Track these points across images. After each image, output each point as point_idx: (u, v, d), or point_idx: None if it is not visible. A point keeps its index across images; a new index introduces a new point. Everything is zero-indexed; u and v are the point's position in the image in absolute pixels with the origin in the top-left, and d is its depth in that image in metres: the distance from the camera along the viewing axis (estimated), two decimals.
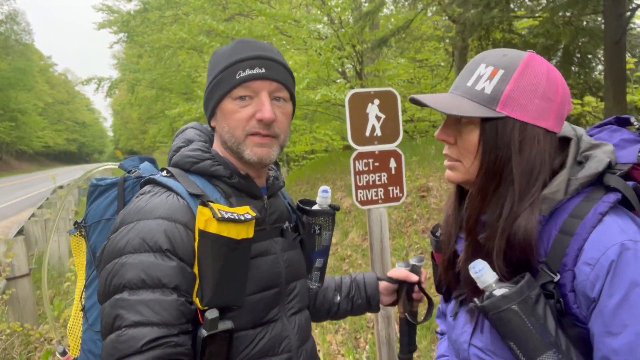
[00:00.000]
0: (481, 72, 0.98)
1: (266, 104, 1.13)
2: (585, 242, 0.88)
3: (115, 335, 0.96)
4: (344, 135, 15.21)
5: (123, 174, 1.27)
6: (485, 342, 1.01)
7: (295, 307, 1.25)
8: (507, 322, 0.87)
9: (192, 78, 19.02)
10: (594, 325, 0.87)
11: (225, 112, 1.16)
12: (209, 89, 1.19)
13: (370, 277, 1.54)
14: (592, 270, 0.86)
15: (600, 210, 0.89)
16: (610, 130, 1.10)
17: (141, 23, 17.79)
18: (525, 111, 0.95)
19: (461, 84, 1.02)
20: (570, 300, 0.90)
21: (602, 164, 0.95)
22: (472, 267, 0.94)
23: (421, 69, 14.77)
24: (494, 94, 0.95)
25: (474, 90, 0.98)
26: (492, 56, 1.00)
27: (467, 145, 1.00)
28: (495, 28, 9.66)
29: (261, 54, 1.15)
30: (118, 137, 73.61)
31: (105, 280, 1.02)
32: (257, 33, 10.32)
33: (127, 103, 26.07)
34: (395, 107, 2.77)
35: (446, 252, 1.14)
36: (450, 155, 1.06)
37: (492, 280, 0.92)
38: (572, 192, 0.94)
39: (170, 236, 1.02)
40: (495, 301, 0.88)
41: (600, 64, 11.98)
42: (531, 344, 0.85)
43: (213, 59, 1.20)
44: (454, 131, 1.04)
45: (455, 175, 1.06)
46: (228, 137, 1.16)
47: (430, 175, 7.58)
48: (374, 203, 2.79)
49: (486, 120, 0.96)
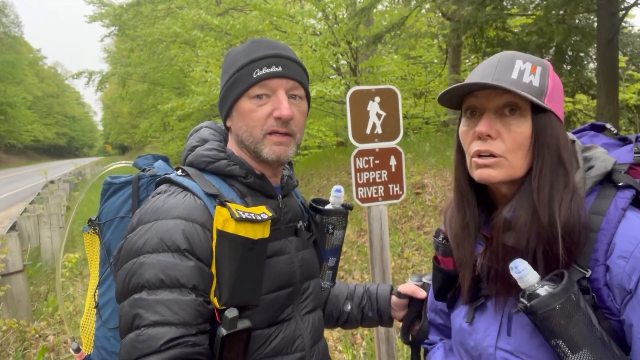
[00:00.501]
0: (522, 67, 0.98)
1: (284, 101, 1.13)
2: (614, 237, 0.91)
3: (135, 335, 0.97)
4: (337, 131, 15.21)
5: (137, 172, 1.27)
6: (515, 344, 1.00)
7: (309, 307, 1.26)
8: (555, 319, 0.87)
9: (185, 73, 18.89)
10: (632, 316, 0.89)
11: (242, 111, 1.15)
12: (225, 88, 1.18)
13: (383, 290, 1.50)
14: (627, 262, 0.89)
15: (621, 206, 0.93)
16: (590, 135, 1.16)
17: (134, 17, 17.61)
18: (559, 107, 1.00)
19: (504, 77, 0.97)
20: (604, 294, 0.92)
21: (610, 162, 0.99)
22: (514, 267, 0.93)
23: (415, 66, 14.79)
24: (542, 87, 0.98)
25: (522, 82, 0.97)
26: (522, 55, 1.01)
27: (518, 137, 0.97)
28: (489, 26, 9.70)
29: (277, 52, 1.16)
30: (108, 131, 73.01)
31: (124, 280, 1.02)
32: (251, 28, 10.27)
33: (118, 97, 25.85)
34: (395, 104, 2.78)
35: (464, 256, 1.10)
36: (493, 150, 0.98)
37: (534, 280, 0.92)
38: (587, 190, 0.98)
39: (188, 236, 1.03)
40: (544, 300, 0.88)
41: (592, 62, 12.09)
42: (578, 338, 0.86)
43: (228, 59, 1.20)
44: (497, 125, 0.99)
45: (498, 173, 0.99)
46: (246, 137, 1.16)
47: (425, 172, 7.62)
48: (374, 201, 2.81)
49: (538, 112, 0.97)
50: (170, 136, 20.46)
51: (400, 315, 1.47)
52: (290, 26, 10.64)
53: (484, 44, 10.83)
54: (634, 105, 11.47)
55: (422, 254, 5.53)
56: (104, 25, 20.50)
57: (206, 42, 11.39)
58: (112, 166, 1.47)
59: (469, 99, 1.04)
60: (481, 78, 1.00)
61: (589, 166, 1.01)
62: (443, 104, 1.09)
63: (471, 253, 1.09)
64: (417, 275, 1.44)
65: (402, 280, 5.06)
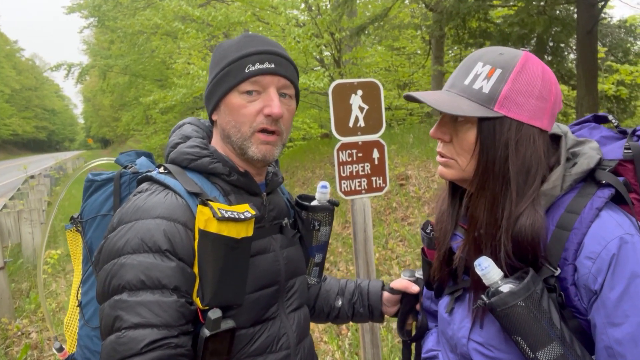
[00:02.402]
0: (478, 71, 0.99)
1: (275, 99, 1.12)
2: (584, 237, 0.91)
3: (115, 337, 0.96)
4: (322, 123, 15.21)
5: (119, 170, 1.25)
6: (485, 337, 1.02)
7: (295, 304, 1.25)
8: (515, 317, 0.88)
9: (167, 65, 18.62)
10: (596, 317, 0.90)
11: (231, 106, 1.13)
12: (214, 81, 1.16)
13: (375, 286, 1.51)
14: (594, 264, 0.89)
15: (596, 206, 0.93)
16: (590, 127, 1.15)
17: (113, 7, 17.29)
18: (522, 111, 0.96)
19: (458, 83, 1.01)
20: (572, 293, 0.93)
21: (594, 160, 0.98)
22: (478, 265, 0.95)
23: (398, 57, 14.82)
24: (492, 94, 0.96)
25: (472, 89, 0.98)
26: (489, 55, 1.00)
27: (464, 144, 1.00)
28: (472, 17, 9.76)
29: (271, 49, 1.14)
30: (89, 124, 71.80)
31: (104, 281, 1.01)
32: (233, 19, 10.17)
33: (99, 90, 25.48)
34: (378, 98, 2.79)
35: (441, 249, 1.14)
36: (445, 153, 1.05)
37: (497, 277, 0.93)
38: (567, 187, 0.97)
39: (170, 236, 1.01)
40: (504, 297, 0.89)
41: (572, 53, 12.25)
42: (538, 337, 0.88)
43: (218, 52, 1.18)
44: (450, 129, 1.03)
45: (449, 173, 1.06)
46: (233, 132, 1.14)
47: (408, 163, 7.67)
48: (357, 193, 2.83)
49: (483, 119, 0.97)
50: (152, 129, 20.19)
51: (392, 311, 1.47)
52: (273, 17, 10.57)
53: (467, 35, 10.89)
54: (613, 96, 11.68)
55: (406, 245, 5.59)
56: (83, 17, 20.07)
57: (188, 34, 11.25)
58: (95, 162, 1.45)
59: None
60: (448, 80, 1.05)
61: (573, 162, 1.00)
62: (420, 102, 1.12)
63: (445, 238, 1.13)
64: (409, 270, 1.44)
65: (386, 272, 5.11)
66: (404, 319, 1.44)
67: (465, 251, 1.07)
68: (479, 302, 0.94)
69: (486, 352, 1.02)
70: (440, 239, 1.15)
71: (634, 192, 1.00)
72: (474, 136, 0.99)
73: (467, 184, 1.07)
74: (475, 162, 1.00)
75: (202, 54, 14.81)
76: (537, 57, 1.02)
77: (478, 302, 0.95)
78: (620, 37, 13.05)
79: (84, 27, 21.87)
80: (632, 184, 1.00)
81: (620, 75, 11.86)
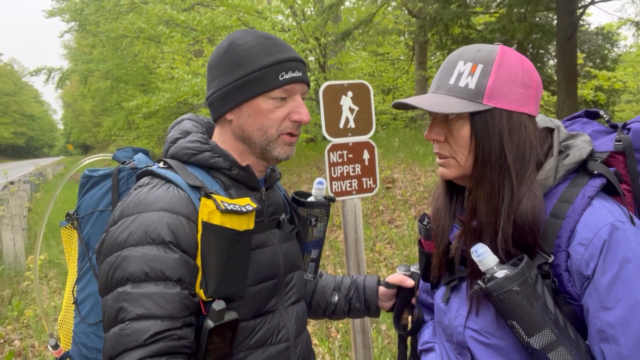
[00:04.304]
0: (461, 70, 1.02)
1: (304, 107, 1.17)
2: (577, 224, 0.94)
3: (119, 329, 0.96)
4: (306, 127, 15.22)
5: (117, 165, 1.25)
6: (481, 324, 1.05)
7: (293, 298, 1.27)
8: (510, 302, 0.91)
9: (150, 69, 18.48)
10: (589, 301, 0.93)
11: (258, 109, 1.14)
12: (239, 83, 1.14)
13: (371, 280, 1.53)
14: (586, 250, 0.93)
15: (588, 194, 0.96)
16: (582, 122, 1.18)
17: (95, 11, 17.10)
18: (509, 100, 1.00)
19: (443, 84, 1.05)
20: (565, 279, 0.96)
21: (585, 151, 1.02)
22: (474, 251, 0.97)
23: (382, 63, 14.96)
24: (478, 88, 1.00)
25: (458, 87, 1.02)
26: (468, 53, 1.04)
27: (459, 140, 1.03)
28: (454, 23, 9.91)
29: (297, 56, 1.17)
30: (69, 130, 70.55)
31: (107, 273, 1.01)
32: (219, 24, 10.15)
33: (80, 95, 25.10)
34: (368, 99, 2.82)
35: (440, 246, 1.16)
36: (442, 153, 1.08)
37: (493, 263, 0.96)
38: (560, 178, 1.01)
39: (173, 228, 1.02)
40: (499, 282, 0.92)
41: (552, 59, 12.52)
42: (532, 321, 0.90)
43: (237, 52, 1.15)
44: (443, 129, 1.06)
45: (450, 172, 1.08)
46: (258, 134, 1.16)
47: (394, 167, 7.73)
48: (348, 194, 2.85)
49: (475, 114, 1.00)
50: (135, 134, 19.96)
51: (387, 305, 1.49)
52: (258, 22, 10.56)
53: (449, 41, 11.05)
54: (592, 101, 11.96)
55: (393, 247, 5.62)
56: (64, 20, 19.81)
57: (172, 38, 11.19)
58: (89, 159, 1.44)
59: None
60: (432, 83, 1.08)
61: (565, 154, 1.04)
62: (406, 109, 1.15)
63: (444, 234, 1.16)
64: (404, 265, 1.46)
65: (374, 274, 5.12)
66: (399, 313, 1.45)
67: (461, 241, 1.09)
68: (475, 287, 0.97)
69: (482, 339, 1.05)
70: (439, 235, 1.17)
71: (624, 182, 1.04)
72: (468, 131, 1.02)
73: (465, 180, 1.09)
74: (472, 156, 1.03)
75: (185, 58, 14.73)
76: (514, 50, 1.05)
77: (474, 287, 0.97)
78: (598, 43, 13.39)
79: (64, 31, 21.69)
80: (622, 175, 1.03)
81: (598, 81, 12.16)
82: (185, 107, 15.33)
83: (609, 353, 0.90)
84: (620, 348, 0.89)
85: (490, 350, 1.04)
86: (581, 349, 0.92)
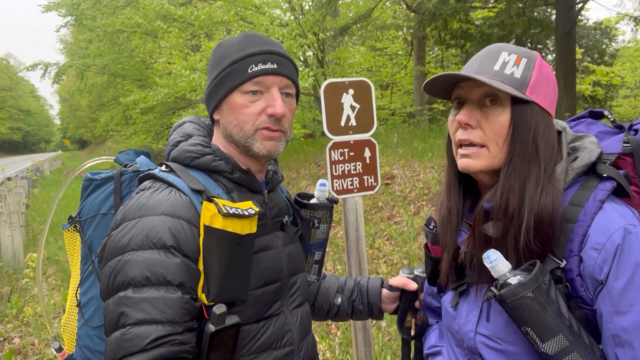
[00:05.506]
0: (505, 59, 1.02)
1: (278, 99, 1.13)
2: (589, 228, 0.93)
3: (120, 333, 0.95)
4: (304, 123, 15.20)
5: (119, 168, 1.24)
6: (493, 330, 1.04)
7: (297, 301, 1.26)
8: (524, 308, 0.90)
9: (147, 64, 18.37)
10: (603, 306, 0.92)
11: (233, 105, 1.14)
12: (216, 81, 1.16)
13: (374, 283, 1.51)
14: (599, 254, 0.92)
15: (599, 198, 0.95)
16: (587, 123, 1.17)
17: (92, 6, 16.97)
18: (545, 99, 1.02)
19: (486, 69, 1.02)
20: (577, 283, 0.95)
21: (595, 154, 1.01)
22: (487, 257, 0.96)
23: (381, 58, 14.92)
24: (523, 79, 1.00)
25: (504, 74, 1.00)
26: (509, 47, 1.04)
27: (496, 127, 1.00)
28: (453, 18, 9.88)
29: (273, 49, 1.15)
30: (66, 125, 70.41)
31: (109, 278, 1.00)
32: (216, 19, 10.09)
33: (76, 90, 24.96)
34: (369, 97, 2.81)
35: (449, 246, 1.14)
36: (473, 139, 1.02)
37: (506, 269, 0.95)
38: (569, 181, 1.00)
39: (175, 233, 1.01)
40: (513, 289, 0.90)
41: (550, 54, 12.50)
42: (546, 327, 0.89)
43: (219, 51, 1.18)
44: (477, 115, 1.03)
45: (477, 163, 1.03)
46: (236, 131, 1.15)
47: (394, 163, 7.72)
48: (349, 192, 2.84)
49: (517, 103, 0.99)
50: (132, 130, 19.86)
51: (391, 308, 1.48)
52: (256, 17, 10.50)
53: (448, 36, 11.02)
54: (589, 96, 11.96)
55: (392, 244, 5.63)
56: (60, 15, 19.65)
57: (169, 33, 11.13)
58: (91, 162, 1.43)
59: (456, 89, 1.07)
60: (467, 70, 1.04)
61: (574, 157, 1.03)
62: (431, 94, 1.12)
63: (452, 239, 1.13)
64: (408, 267, 1.44)
65: (374, 270, 5.13)
66: (403, 316, 1.44)
67: (470, 245, 1.07)
68: (488, 294, 0.95)
69: (494, 345, 1.03)
70: (447, 240, 1.15)
71: (633, 184, 1.03)
72: (507, 119, 1.00)
73: (488, 176, 1.06)
74: (507, 147, 1.01)
75: (183, 53, 14.65)
76: None
77: (487, 294, 0.95)
78: (596, 38, 13.38)
79: (61, 26, 21.40)
80: (631, 177, 1.02)
81: (596, 76, 12.15)
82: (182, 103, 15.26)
83: (624, 358, 0.90)
84: (635, 352, 0.88)
85: (501, 355, 1.03)
86: (595, 354, 0.92)
